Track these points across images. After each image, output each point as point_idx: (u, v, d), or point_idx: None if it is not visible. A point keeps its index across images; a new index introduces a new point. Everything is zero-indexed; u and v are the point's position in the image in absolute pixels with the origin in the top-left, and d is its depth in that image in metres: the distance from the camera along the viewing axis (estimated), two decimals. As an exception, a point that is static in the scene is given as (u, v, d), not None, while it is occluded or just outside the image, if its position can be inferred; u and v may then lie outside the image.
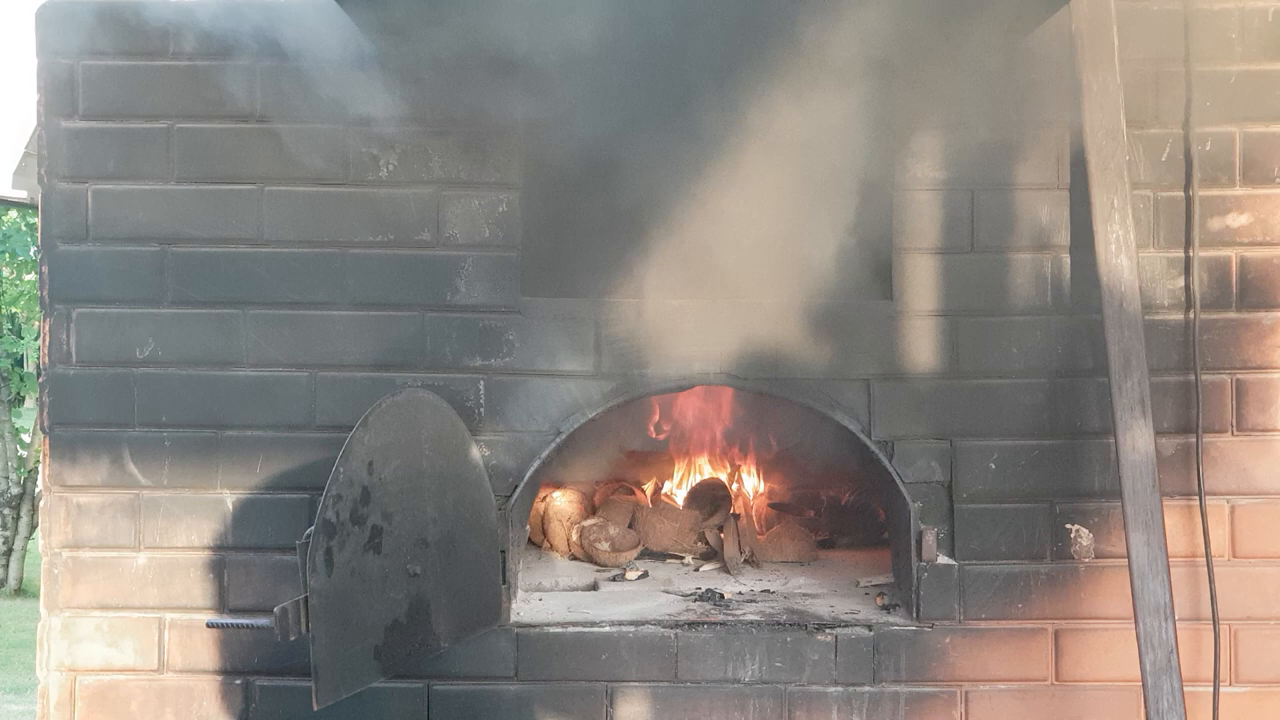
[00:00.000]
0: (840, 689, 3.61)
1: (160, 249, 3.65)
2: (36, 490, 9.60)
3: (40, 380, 3.70)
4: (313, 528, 2.92)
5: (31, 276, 11.77)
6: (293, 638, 2.88)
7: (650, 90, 3.53)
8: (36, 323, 11.71)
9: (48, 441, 3.67)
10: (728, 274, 3.66)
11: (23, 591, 9.38)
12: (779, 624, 3.65)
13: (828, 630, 3.63)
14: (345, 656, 3.02)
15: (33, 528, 9.58)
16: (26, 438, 10.06)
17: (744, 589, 4.04)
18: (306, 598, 2.89)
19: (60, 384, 3.66)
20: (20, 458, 9.78)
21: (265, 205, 3.66)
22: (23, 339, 12.26)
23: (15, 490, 9.58)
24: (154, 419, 3.66)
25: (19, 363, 12.66)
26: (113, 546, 3.66)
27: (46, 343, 3.65)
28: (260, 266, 3.66)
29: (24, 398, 12.86)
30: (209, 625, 3.36)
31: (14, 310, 12.07)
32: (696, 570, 4.33)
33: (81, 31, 3.63)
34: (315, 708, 2.90)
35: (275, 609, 2.85)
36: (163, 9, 3.63)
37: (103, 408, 3.65)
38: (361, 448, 3.08)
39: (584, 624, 3.66)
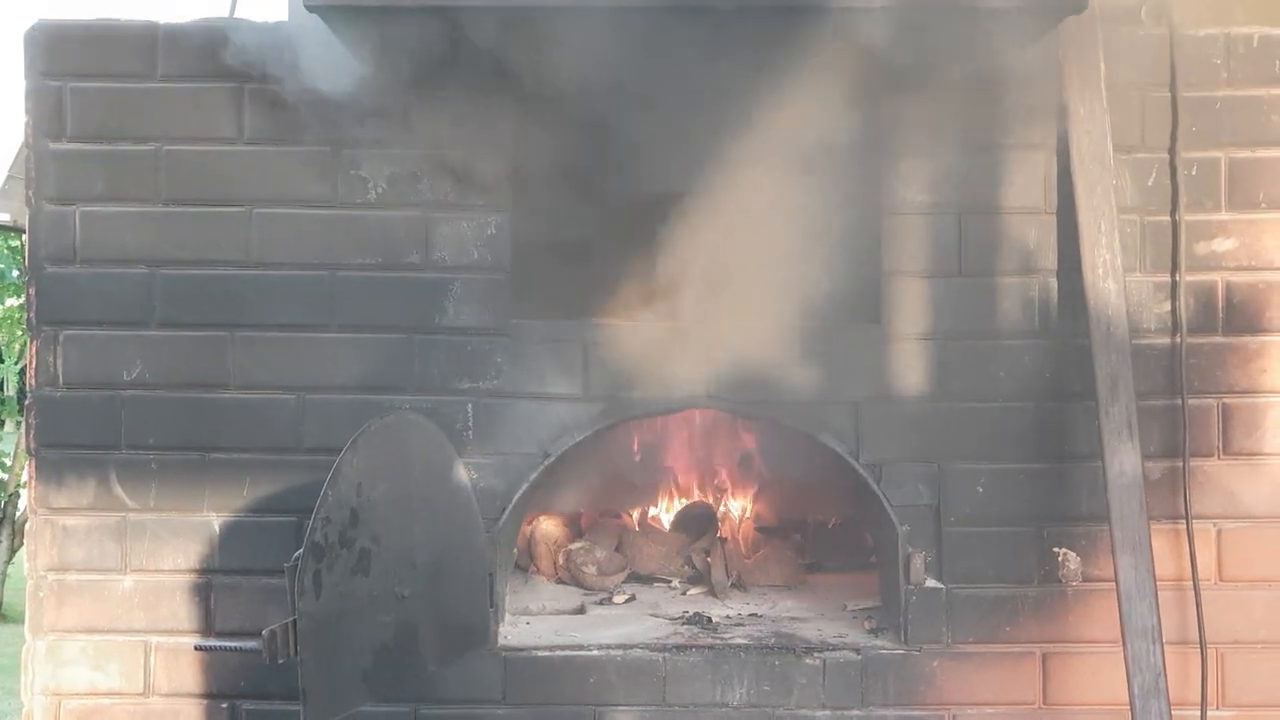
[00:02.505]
0: (828, 713, 3.60)
1: (148, 271, 3.65)
2: (17, 514, 9.54)
3: (27, 402, 3.69)
4: (301, 550, 2.91)
5: (13, 300, 11.73)
6: (281, 661, 2.86)
7: (638, 118, 3.54)
8: (17, 346, 11.71)
9: (34, 463, 3.65)
10: (716, 297, 3.67)
11: (3, 616, 9.31)
12: (767, 647, 3.65)
13: (816, 654, 3.62)
14: (334, 679, 3.01)
15: (13, 551, 9.52)
16: (8, 461, 10.00)
17: (731, 612, 4.03)
18: (295, 620, 2.88)
19: (47, 406, 3.64)
20: (1, 481, 9.72)
21: (254, 227, 3.65)
22: (2, 363, 12.21)
23: (-5, 514, 9.51)
24: (141, 441, 3.65)
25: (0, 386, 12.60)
26: (99, 569, 3.65)
27: (34, 364, 3.64)
28: (248, 289, 3.66)
29: (3, 421, 12.80)
30: (197, 648, 3.35)
31: (-5, 335, 12.02)
32: (684, 594, 4.32)
33: (70, 54, 3.63)
34: (304, 731, 2.89)
35: (264, 631, 2.83)
36: (151, 31, 3.63)
37: (89, 430, 3.64)
38: (350, 470, 3.07)
39: (571, 647, 3.65)
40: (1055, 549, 3.65)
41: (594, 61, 3.15)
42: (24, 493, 9.51)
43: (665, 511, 4.73)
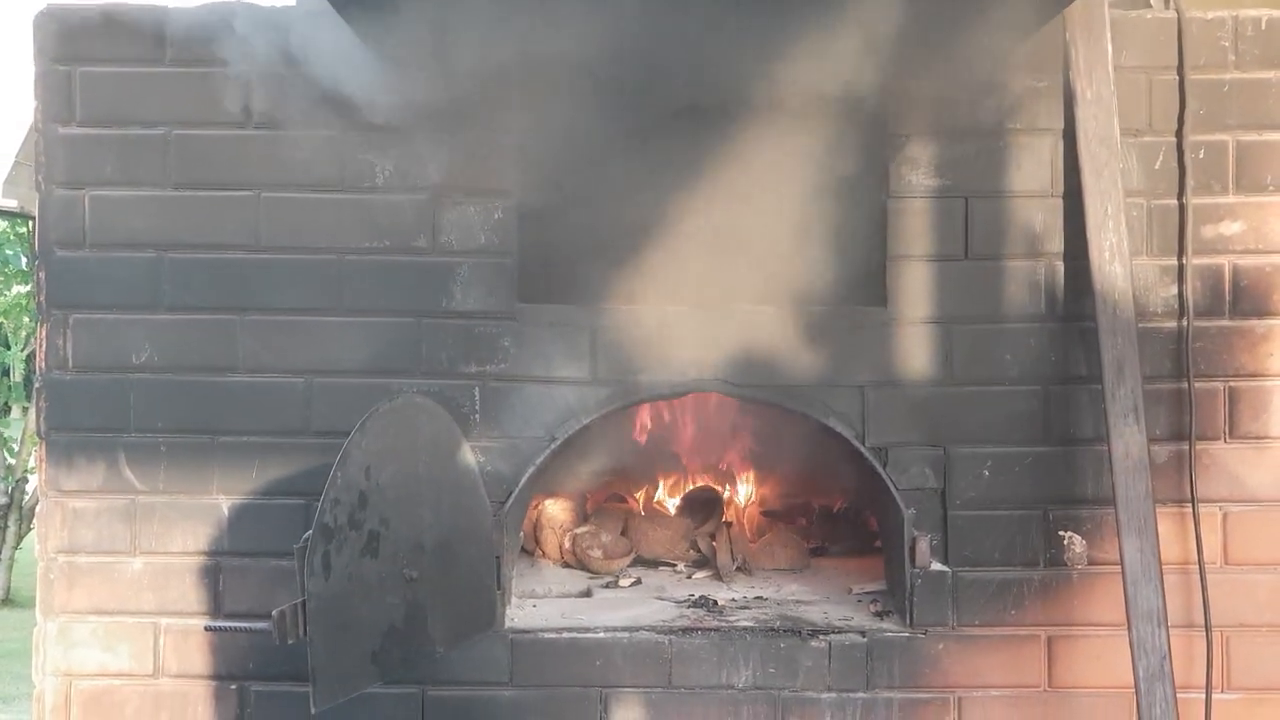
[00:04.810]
0: (834, 695, 3.61)
1: (157, 255, 3.66)
2: (25, 499, 9.59)
3: (37, 385, 3.70)
4: (310, 532, 2.92)
5: (20, 287, 11.75)
6: (291, 641, 2.88)
7: (646, 98, 3.55)
8: (23, 333, 11.74)
9: (44, 446, 3.67)
10: (723, 281, 3.68)
11: (10, 601, 9.35)
12: (773, 630, 3.66)
13: (821, 636, 3.64)
14: (342, 661, 3.02)
15: (20, 537, 9.57)
16: (15, 446, 10.03)
17: (737, 596, 4.04)
18: (304, 601, 2.89)
19: (57, 389, 3.66)
20: (9, 466, 9.76)
21: (262, 211, 3.66)
22: (9, 349, 12.24)
23: (3, 499, 9.55)
24: (150, 424, 3.66)
25: (6, 372, 12.63)
26: (109, 551, 3.66)
27: (43, 348, 3.65)
28: (257, 272, 3.67)
29: (10, 407, 12.83)
30: (207, 629, 3.37)
31: (1, 321, 12.05)
32: (689, 577, 4.33)
33: (79, 38, 3.64)
34: (313, 711, 2.89)
35: (274, 612, 2.85)
36: (160, 15, 3.64)
37: (99, 413, 3.66)
38: (359, 452, 3.08)
39: (578, 630, 3.67)
40: (1060, 532, 3.66)
41: (602, 40, 3.15)
42: (32, 478, 9.60)
43: (671, 496, 4.74)
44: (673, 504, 4.71)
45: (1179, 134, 3.64)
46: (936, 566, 3.66)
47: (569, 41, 3.16)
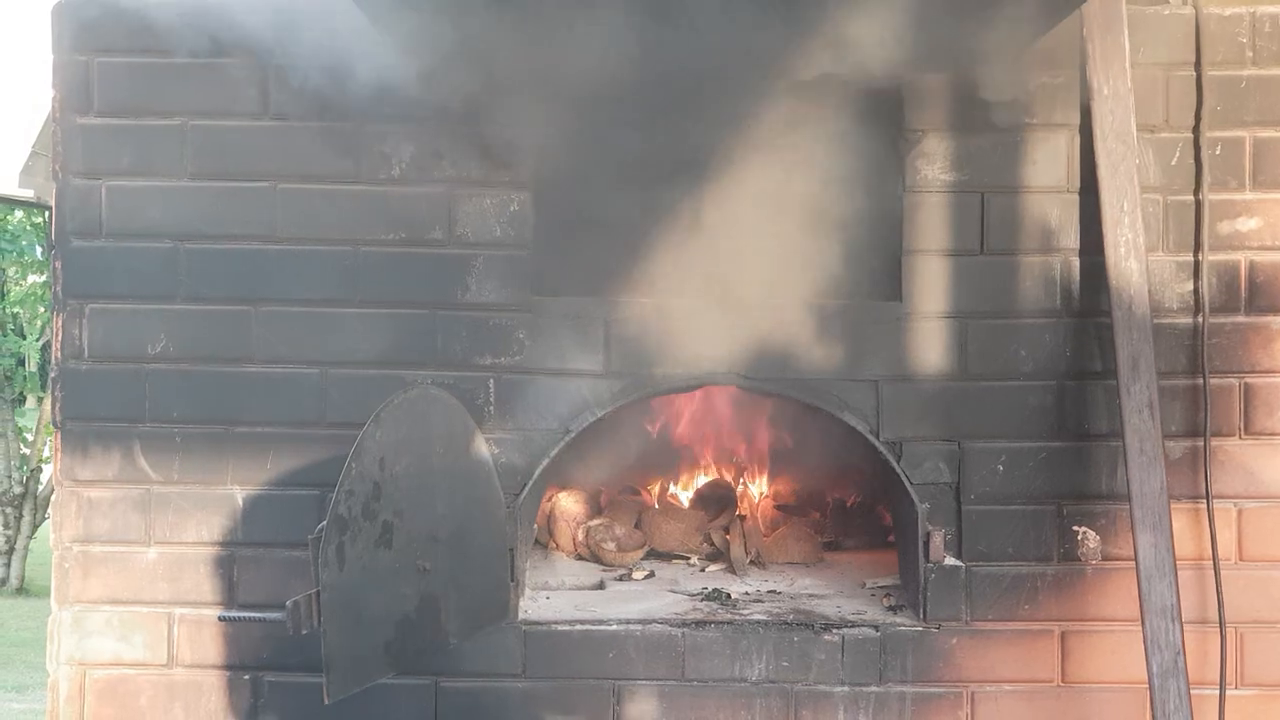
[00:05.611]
0: (847, 689, 3.61)
1: (173, 245, 3.66)
2: (40, 489, 9.62)
3: (53, 375, 3.71)
4: (325, 523, 2.93)
5: (36, 277, 11.80)
6: (305, 631, 2.89)
7: (662, 92, 3.54)
8: (39, 323, 11.79)
9: (60, 436, 3.68)
10: (738, 274, 3.67)
11: (25, 590, 9.40)
12: (786, 624, 3.66)
13: (834, 630, 3.64)
14: (356, 651, 3.03)
15: (35, 527, 9.61)
16: (29, 436, 10.08)
17: (750, 589, 4.04)
18: (318, 592, 2.90)
19: (73, 379, 3.66)
20: (23, 456, 9.79)
21: (278, 203, 3.67)
22: (25, 339, 12.29)
23: (18, 489, 9.59)
24: (165, 414, 3.67)
25: (21, 362, 12.68)
26: (123, 541, 3.67)
27: (59, 338, 3.66)
28: (273, 264, 3.67)
29: (25, 397, 12.90)
30: (221, 619, 3.38)
31: (17, 310, 12.11)
32: (702, 571, 4.32)
33: (97, 29, 3.64)
34: (326, 701, 2.91)
35: (288, 602, 2.86)
36: (178, 7, 3.64)
37: (115, 403, 3.66)
38: (374, 443, 3.09)
39: (591, 622, 3.67)
40: (1075, 527, 3.65)
41: (617, 42, 3.15)
42: (46, 467, 9.65)
43: (684, 489, 4.74)
44: (686, 497, 4.71)
45: (1196, 130, 3.63)
46: (950, 561, 3.66)
47: (583, 34, 3.16)
